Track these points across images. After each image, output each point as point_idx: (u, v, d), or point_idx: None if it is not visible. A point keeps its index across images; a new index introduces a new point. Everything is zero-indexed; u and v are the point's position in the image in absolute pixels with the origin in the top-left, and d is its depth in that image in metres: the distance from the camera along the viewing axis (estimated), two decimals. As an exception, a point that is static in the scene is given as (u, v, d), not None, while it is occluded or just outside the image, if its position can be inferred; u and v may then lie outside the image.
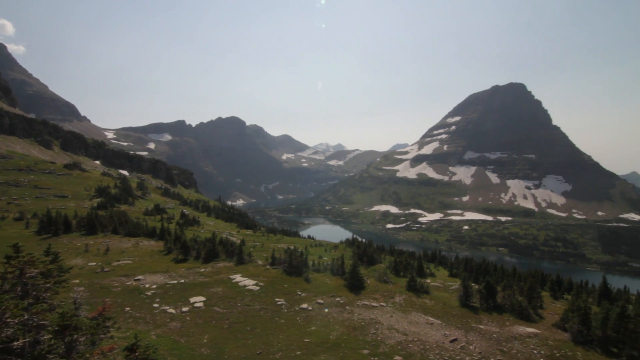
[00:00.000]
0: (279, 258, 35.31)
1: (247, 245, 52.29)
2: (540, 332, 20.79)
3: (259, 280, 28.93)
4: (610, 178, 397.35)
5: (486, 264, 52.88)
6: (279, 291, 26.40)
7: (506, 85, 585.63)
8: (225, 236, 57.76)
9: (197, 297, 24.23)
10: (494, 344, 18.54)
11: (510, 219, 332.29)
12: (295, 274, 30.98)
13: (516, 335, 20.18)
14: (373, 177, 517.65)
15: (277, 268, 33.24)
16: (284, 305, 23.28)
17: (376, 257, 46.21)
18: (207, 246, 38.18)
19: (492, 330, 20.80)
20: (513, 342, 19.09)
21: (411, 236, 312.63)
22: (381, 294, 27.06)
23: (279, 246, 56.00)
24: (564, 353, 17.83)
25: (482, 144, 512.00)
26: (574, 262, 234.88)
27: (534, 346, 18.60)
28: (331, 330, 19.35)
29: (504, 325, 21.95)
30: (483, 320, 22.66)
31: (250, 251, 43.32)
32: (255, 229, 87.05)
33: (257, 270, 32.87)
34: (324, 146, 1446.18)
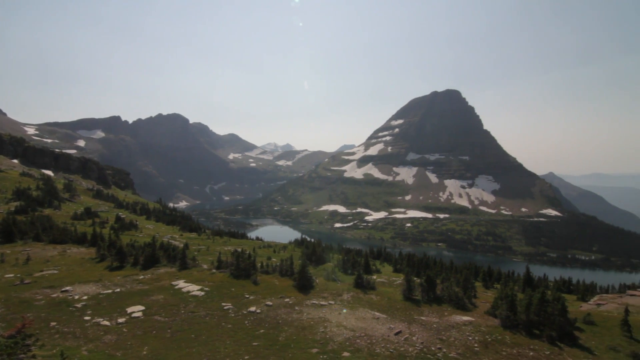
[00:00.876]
0: (226, 261, 34.25)
1: (191, 249, 49.98)
2: (474, 320, 22.52)
3: (204, 285, 27.80)
4: (532, 178, 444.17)
5: (427, 258, 56.18)
6: (225, 295, 25.59)
7: (444, 91, 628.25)
8: (167, 240, 54.68)
9: (135, 306, 22.59)
10: (434, 334, 19.71)
11: (448, 216, 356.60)
12: (243, 277, 30.27)
13: (454, 324, 21.65)
14: (322, 178, 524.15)
15: (224, 271, 32.21)
16: (231, 309, 22.61)
17: (325, 256, 46.78)
18: (146, 251, 35.80)
19: (432, 320, 22.10)
20: (451, 330, 20.45)
21: (358, 234, 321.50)
22: (330, 292, 27.44)
23: (225, 249, 54.31)
24: (495, 337, 19.51)
25: (422, 146, 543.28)
26: (502, 254, 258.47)
27: (469, 333, 20.09)
28: (280, 331, 19.20)
29: (443, 315, 23.43)
30: (424, 312, 23.99)
31: (195, 255, 41.48)
32: (199, 232, 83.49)
33: (202, 274, 31.56)
34: (273, 146, 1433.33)
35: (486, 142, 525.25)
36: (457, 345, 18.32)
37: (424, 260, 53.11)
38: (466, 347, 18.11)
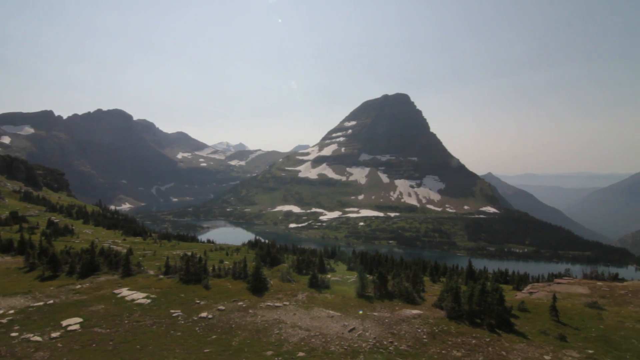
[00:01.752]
0: (174, 266, 32.63)
1: (135, 254, 46.96)
2: (423, 313, 23.63)
3: (151, 292, 26.24)
4: (473, 178, 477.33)
5: (379, 256, 58.02)
6: (174, 302, 24.36)
7: (394, 95, 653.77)
8: (108, 246, 50.91)
9: (72, 318, 20.69)
10: (386, 328, 20.37)
11: (398, 214, 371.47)
12: (194, 282, 29.04)
13: (404, 317, 22.53)
14: (276, 178, 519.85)
15: (172, 277, 30.66)
16: (180, 316, 21.57)
17: (279, 257, 46.40)
18: (84, 258, 32.98)
19: (384, 315, 22.82)
20: (402, 324, 21.27)
21: (313, 234, 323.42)
22: (284, 293, 27.25)
23: (174, 253, 51.80)
24: (441, 328, 20.61)
25: (374, 147, 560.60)
26: (447, 250, 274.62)
27: (418, 325, 21.04)
28: (234, 336, 18.68)
29: (394, 310, 24.30)
30: (377, 307, 24.70)
31: (140, 261, 39.04)
32: (145, 236, 78.75)
33: (149, 281, 29.77)
34: (225, 145, 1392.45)
35: (432, 144, 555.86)
36: (407, 337, 19.08)
37: (376, 257, 54.76)
38: (416, 339, 18.93)
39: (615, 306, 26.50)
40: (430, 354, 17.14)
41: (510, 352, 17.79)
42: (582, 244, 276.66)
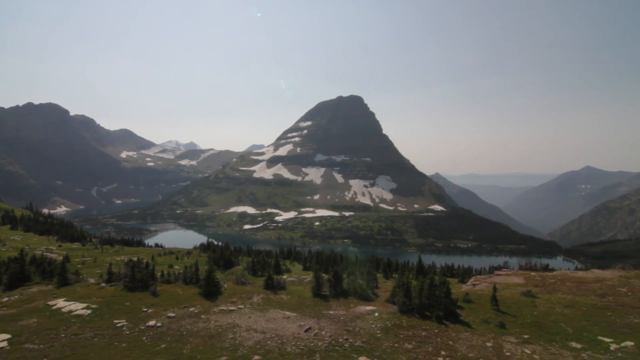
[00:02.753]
0: (118, 273, 30.47)
1: (73, 261, 43.21)
2: (377, 308, 24.31)
3: (91, 302, 24.27)
4: (422, 178, 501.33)
5: (334, 255, 58.77)
6: (118, 311, 22.72)
7: (348, 96, 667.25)
8: (41, 253, 46.28)
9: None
10: (342, 326, 20.66)
11: (353, 213, 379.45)
12: (140, 289, 27.31)
13: (359, 314, 23.02)
14: (229, 178, 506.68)
15: (116, 285, 28.61)
16: (125, 326, 20.16)
17: (234, 259, 45.23)
18: (11, 268, 29.64)
19: (340, 313, 23.13)
20: (356, 321, 21.70)
21: (268, 235, 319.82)
22: (239, 296, 26.61)
23: (117, 259, 48.42)
24: (394, 322, 21.35)
25: (329, 147, 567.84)
26: (399, 247, 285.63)
27: (372, 321, 21.60)
28: (185, 344, 17.84)
29: (349, 307, 24.73)
30: (332, 306, 24.97)
31: (78, 268, 36.01)
32: (84, 242, 72.74)
33: (89, 290, 27.51)
34: (174, 144, 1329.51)
35: (385, 145, 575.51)
36: (362, 334, 19.51)
37: (331, 256, 55.40)
38: (370, 334, 19.42)
39: (546, 294, 29.23)
40: (383, 348, 17.66)
41: (456, 342, 18.88)
42: (518, 238, 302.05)
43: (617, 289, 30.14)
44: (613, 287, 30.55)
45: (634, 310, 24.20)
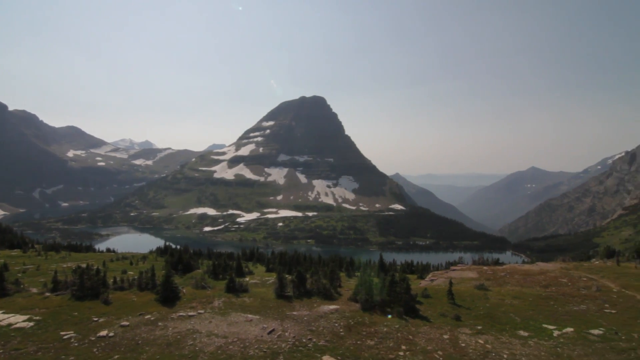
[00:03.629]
0: (65, 281, 28.31)
1: (12, 270, 39.56)
2: (339, 307, 24.57)
3: (34, 314, 22.31)
4: (383, 178, 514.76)
5: (297, 255, 58.71)
6: (65, 322, 21.08)
7: (311, 97, 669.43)
8: (-27, 262, 41.89)
9: None
10: (305, 326, 20.65)
11: (316, 213, 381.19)
12: (90, 297, 25.54)
13: (322, 314, 23.13)
14: (188, 179, 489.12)
15: (63, 294, 26.56)
16: (73, 338, 18.75)
17: (193, 263, 43.67)
18: (-64, 280, 26.52)
19: (303, 314, 23.10)
20: (320, 320, 21.79)
21: (230, 237, 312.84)
22: (199, 301, 25.73)
23: (64, 266, 45.06)
24: (356, 320, 21.69)
25: (292, 147, 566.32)
26: (361, 245, 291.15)
27: (335, 320, 21.80)
28: (140, 353, 16.92)
29: (313, 307, 24.78)
30: (296, 306, 24.89)
31: (19, 277, 33.01)
32: (25, 248, 66.85)
33: (31, 301, 25.28)
34: (128, 143, 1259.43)
35: (347, 146, 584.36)
36: (325, 333, 19.62)
37: (294, 257, 55.27)
38: (333, 333, 19.57)
39: (497, 286, 31.14)
40: (346, 346, 17.88)
41: (416, 336, 19.56)
42: (472, 235, 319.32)
43: (559, 279, 32.80)
44: (555, 279, 33.21)
45: (573, 299, 26.46)
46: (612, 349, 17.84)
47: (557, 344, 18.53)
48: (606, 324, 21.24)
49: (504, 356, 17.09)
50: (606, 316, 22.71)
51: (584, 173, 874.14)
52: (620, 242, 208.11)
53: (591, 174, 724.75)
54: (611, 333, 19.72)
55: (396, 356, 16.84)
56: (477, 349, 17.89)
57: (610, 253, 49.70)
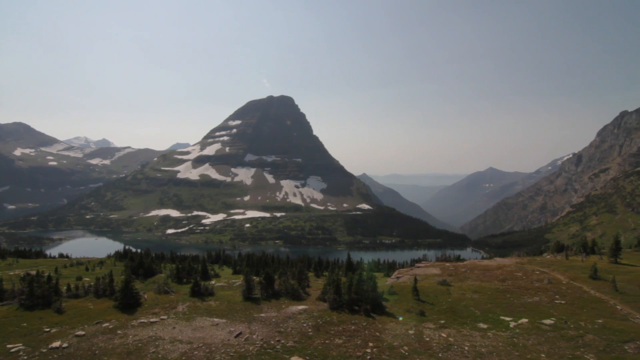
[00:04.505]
0: (12, 290, 26.20)
1: (-52, 279, 35.96)
2: (308, 307, 24.58)
3: (-26, 327, 20.42)
4: (350, 178, 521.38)
5: (265, 256, 58.07)
6: (13, 334, 19.49)
7: (279, 97, 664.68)
8: None
9: None
10: (274, 328, 20.45)
11: (284, 214, 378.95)
12: (41, 307, 23.80)
13: (290, 314, 23.02)
14: (150, 179, 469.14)
15: (9, 304, 24.56)
16: (22, 351, 17.37)
17: (155, 267, 41.96)
18: None
19: (271, 315, 22.88)
20: (288, 321, 21.67)
21: (195, 239, 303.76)
22: (162, 306, 24.74)
23: (11, 274, 41.75)
24: (325, 319, 21.80)
25: (260, 147, 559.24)
26: (329, 245, 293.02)
27: (304, 320, 21.77)
28: (97, 364, 15.99)
29: (281, 308, 24.61)
30: (264, 308, 24.60)
31: (-44, 287, 30.04)
32: (-35, 255, 61.25)
33: (-30, 312, 23.12)
34: (83, 141, 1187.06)
35: (315, 146, 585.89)
36: (294, 334, 19.55)
37: (262, 258, 54.64)
38: (302, 334, 19.53)
39: (458, 282, 32.48)
40: (315, 346, 17.90)
41: (382, 332, 19.97)
42: (435, 233, 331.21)
43: (514, 273, 34.79)
44: (511, 273, 35.19)
45: (527, 292, 28.16)
46: (562, 337, 19.18)
47: (513, 335, 19.63)
48: (557, 314, 22.80)
49: (466, 348, 17.86)
50: (557, 307, 24.38)
51: (536, 173, 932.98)
52: (569, 237, 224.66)
53: (543, 174, 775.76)
54: (561, 322, 21.19)
55: (364, 353, 17.09)
56: (441, 343, 18.56)
57: (559, 248, 53.39)
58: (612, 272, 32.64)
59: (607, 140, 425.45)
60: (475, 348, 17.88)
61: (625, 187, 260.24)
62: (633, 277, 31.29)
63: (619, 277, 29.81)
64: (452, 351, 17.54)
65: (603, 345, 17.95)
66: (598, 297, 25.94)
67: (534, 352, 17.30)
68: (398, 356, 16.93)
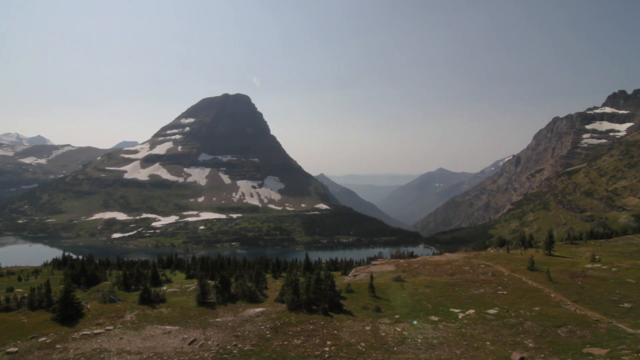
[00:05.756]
0: None
1: None
2: (266, 309, 24.27)
3: None
4: (308, 178, 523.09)
5: (221, 259, 56.43)
6: None
7: (235, 95, 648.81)
8: None
9: None
10: (230, 332, 19.93)
11: (241, 215, 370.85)
12: (-39, 323, 21.18)
13: (247, 318, 22.58)
14: (93, 180, 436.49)
15: None
16: (-64, 375, 15.33)
17: (99, 274, 39.11)
18: None
19: (227, 320, 22.27)
20: (245, 324, 21.24)
21: (144, 244, 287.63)
22: (107, 316, 23.12)
23: None
24: (283, 321, 21.65)
25: (215, 146, 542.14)
26: (287, 246, 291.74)
27: (261, 322, 21.47)
28: (31, 383, 14.55)
29: (238, 312, 24.06)
30: (220, 313, 23.89)
31: None
32: None
33: None
34: (14, 138, 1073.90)
35: (273, 146, 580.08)
36: (251, 337, 19.20)
37: (218, 261, 53.02)
38: (259, 336, 19.24)
39: (412, 277, 33.86)
40: (273, 348, 17.72)
41: (340, 330, 20.26)
42: (390, 231, 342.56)
43: (462, 267, 36.96)
44: (459, 267, 37.35)
45: (474, 284, 30.04)
46: (505, 325, 20.72)
47: (462, 325, 20.85)
48: (499, 303, 24.58)
49: (419, 340, 18.66)
50: (499, 297, 26.28)
51: (481, 174, 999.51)
52: (510, 233, 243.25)
53: (487, 174, 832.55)
54: (503, 311, 22.89)
55: (322, 352, 17.21)
56: (396, 337, 19.23)
57: (501, 242, 57.64)
58: (547, 263, 35.86)
59: (542, 143, 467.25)
60: (427, 340, 18.73)
61: (557, 186, 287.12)
62: (564, 267, 34.61)
63: (552, 268, 32.81)
64: (406, 344, 18.23)
65: (539, 330, 19.65)
66: (535, 287, 28.34)
67: (480, 341, 18.49)
68: (355, 353, 17.26)
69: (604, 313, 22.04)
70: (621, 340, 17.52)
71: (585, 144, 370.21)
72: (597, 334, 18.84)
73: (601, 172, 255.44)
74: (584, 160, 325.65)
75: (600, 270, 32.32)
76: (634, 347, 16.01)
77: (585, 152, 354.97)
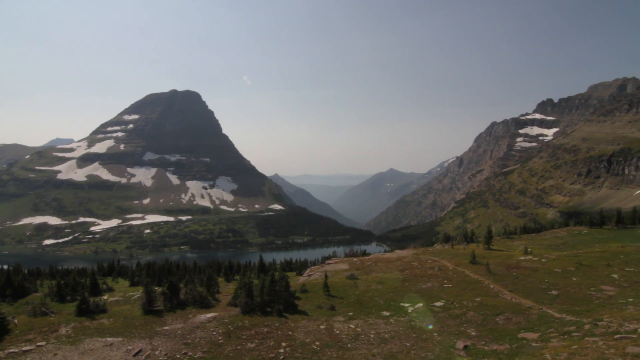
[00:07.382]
0: None
1: None
2: (218, 314, 23.49)
3: None
4: (262, 178, 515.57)
5: (169, 264, 53.70)
6: None
7: (184, 91, 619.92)
8: None
9: None
10: (179, 340, 19.01)
11: (191, 217, 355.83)
12: None
13: (198, 324, 21.69)
14: (20, 180, 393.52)
15: None
16: None
17: (28, 285, 35.32)
18: None
19: (177, 327, 21.22)
20: (196, 331, 20.38)
21: (81, 250, 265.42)
22: (38, 331, 20.92)
23: None
24: (236, 325, 21.10)
25: (162, 145, 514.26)
26: (241, 248, 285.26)
27: (213, 328, 20.74)
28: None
29: (188, 318, 23.02)
30: (168, 321, 22.70)
31: None
32: None
33: None
34: None
35: (225, 145, 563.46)
36: (203, 344, 18.48)
37: (165, 266, 50.40)
38: (211, 343, 18.58)
39: (365, 275, 34.74)
40: (226, 354, 17.20)
41: (295, 331, 20.20)
42: (344, 230, 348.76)
43: (412, 263, 38.67)
44: (409, 263, 39.03)
45: (422, 279, 31.56)
46: (450, 316, 22.01)
47: (411, 319, 21.80)
48: (445, 296, 26.07)
49: (371, 336, 19.18)
50: (445, 290, 27.87)
51: (428, 174, 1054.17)
52: (454, 229, 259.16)
53: (433, 174, 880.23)
54: (449, 303, 24.31)
55: (277, 354, 17.03)
56: (349, 334, 19.60)
57: (447, 238, 61.20)
58: (487, 257, 38.70)
59: (481, 146, 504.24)
60: (380, 335, 19.33)
61: (495, 185, 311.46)
62: (501, 260, 37.58)
63: (491, 261, 35.49)
64: (359, 340, 18.65)
65: (481, 319, 21.14)
66: (476, 279, 30.45)
67: (428, 332, 19.47)
68: (310, 352, 17.31)
69: (536, 300, 24.29)
70: (550, 324, 19.42)
71: (519, 147, 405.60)
72: (530, 319, 20.72)
73: (532, 172, 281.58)
74: (517, 161, 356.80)
75: (531, 262, 35.56)
76: (560, 330, 17.80)
77: (519, 154, 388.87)
